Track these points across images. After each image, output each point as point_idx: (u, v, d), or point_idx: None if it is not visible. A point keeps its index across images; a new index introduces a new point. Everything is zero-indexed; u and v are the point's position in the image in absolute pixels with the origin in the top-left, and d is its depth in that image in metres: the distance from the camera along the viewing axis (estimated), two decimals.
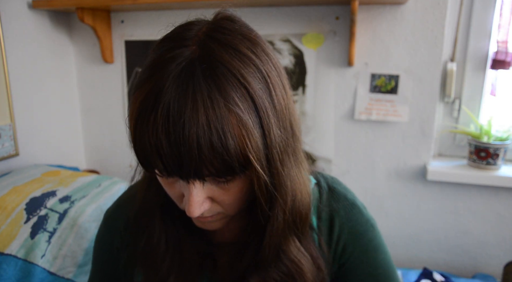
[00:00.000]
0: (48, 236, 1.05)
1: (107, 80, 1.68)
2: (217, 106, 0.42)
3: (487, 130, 1.31)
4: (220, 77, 0.43)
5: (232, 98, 0.42)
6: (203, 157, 0.42)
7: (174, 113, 0.41)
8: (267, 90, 0.46)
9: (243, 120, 0.43)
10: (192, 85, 0.42)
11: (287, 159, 0.50)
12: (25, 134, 1.45)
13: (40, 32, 1.51)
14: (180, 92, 0.42)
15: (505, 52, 1.31)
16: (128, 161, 1.73)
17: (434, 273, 1.26)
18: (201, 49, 0.44)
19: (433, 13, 1.29)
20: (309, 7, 1.39)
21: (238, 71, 0.44)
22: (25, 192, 1.14)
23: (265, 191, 0.48)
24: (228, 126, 0.42)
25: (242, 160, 0.44)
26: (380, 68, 1.37)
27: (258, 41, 0.49)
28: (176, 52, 0.45)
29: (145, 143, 0.43)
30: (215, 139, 0.41)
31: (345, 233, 0.61)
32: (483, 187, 1.36)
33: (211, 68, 0.43)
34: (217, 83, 0.42)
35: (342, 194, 0.63)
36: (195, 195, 0.47)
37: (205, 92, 0.42)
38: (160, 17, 1.55)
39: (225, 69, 0.43)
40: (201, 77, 0.42)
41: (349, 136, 1.45)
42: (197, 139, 0.41)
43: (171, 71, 0.43)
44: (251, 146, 0.44)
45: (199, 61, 0.43)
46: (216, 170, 0.44)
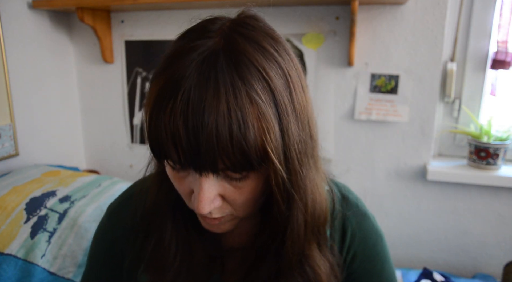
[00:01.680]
0: (48, 236, 1.05)
1: (107, 80, 1.68)
2: (239, 95, 0.41)
3: (487, 130, 1.31)
4: (243, 67, 0.42)
5: (254, 89, 0.42)
6: (221, 146, 0.41)
7: (194, 99, 0.41)
8: (287, 88, 0.46)
9: (264, 113, 0.42)
10: (215, 73, 0.41)
11: (306, 160, 0.48)
12: (25, 134, 1.45)
13: (40, 32, 1.51)
14: (202, 79, 0.41)
15: (505, 52, 1.31)
16: (128, 161, 1.73)
17: (434, 273, 1.26)
18: (225, 40, 0.44)
19: (433, 13, 1.29)
20: (309, 7, 1.39)
21: (260, 64, 0.43)
22: (25, 192, 1.14)
23: (283, 188, 0.46)
24: (249, 116, 0.41)
25: (260, 153, 0.43)
26: (380, 68, 1.37)
27: (280, 41, 0.49)
28: (199, 42, 0.44)
29: (161, 130, 0.42)
30: (235, 128, 0.40)
31: (356, 243, 0.61)
32: (483, 187, 1.36)
33: (235, 59, 0.43)
34: (240, 73, 0.42)
35: (354, 203, 0.63)
36: (206, 190, 0.45)
37: (227, 80, 0.41)
38: (160, 17, 1.55)
39: (248, 61, 0.43)
40: (224, 66, 0.42)
41: (349, 136, 1.45)
42: (216, 126, 0.40)
43: (193, 59, 0.43)
44: (270, 139, 0.43)
45: (223, 51, 0.43)
46: (232, 163, 0.42)
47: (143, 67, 1.62)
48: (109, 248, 0.66)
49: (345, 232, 0.61)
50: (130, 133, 1.70)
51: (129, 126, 1.69)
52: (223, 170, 0.44)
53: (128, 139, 1.71)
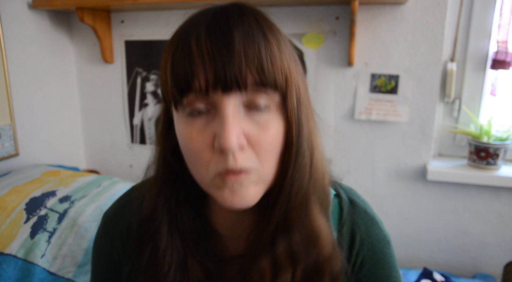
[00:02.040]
0: (48, 236, 1.05)
1: (107, 80, 1.68)
2: (263, 25, 0.47)
3: (487, 130, 1.31)
4: (267, 20, 0.49)
5: (275, 31, 0.48)
6: (249, 56, 0.43)
7: (220, 21, 0.45)
8: (296, 64, 0.52)
9: (277, 42, 0.47)
10: (238, 10, 0.47)
11: (312, 122, 0.53)
12: (25, 134, 1.45)
13: (40, 32, 1.51)
14: (224, 12, 0.47)
15: (505, 52, 1.31)
16: (128, 161, 1.73)
17: (434, 273, 1.26)
18: (235, 4, 0.49)
19: (433, 13, 1.29)
20: (309, 7, 1.39)
21: (278, 29, 0.50)
22: (25, 192, 1.14)
23: (296, 126, 0.49)
24: (272, 42, 0.46)
25: (282, 76, 0.46)
26: (380, 68, 1.37)
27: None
28: (209, 8, 0.49)
29: (186, 53, 0.44)
30: (261, 41, 0.45)
31: (365, 249, 0.60)
32: (483, 187, 1.36)
33: (255, 10, 0.49)
34: (265, 20, 0.48)
35: (362, 208, 0.62)
36: (232, 118, 0.44)
37: (251, 15, 0.47)
38: (160, 17, 1.55)
39: (270, 21, 0.49)
40: (245, 8, 0.48)
41: (349, 136, 1.45)
42: (243, 36, 0.44)
43: (210, 9, 0.48)
44: (290, 70, 0.48)
45: (240, 6, 0.48)
46: (259, 75, 0.44)
47: (143, 67, 1.62)
48: (108, 258, 0.64)
49: (354, 239, 0.60)
50: (130, 133, 1.70)
51: (129, 126, 1.69)
52: (252, 84, 0.44)
53: (128, 139, 1.71)
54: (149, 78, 1.62)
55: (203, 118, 0.46)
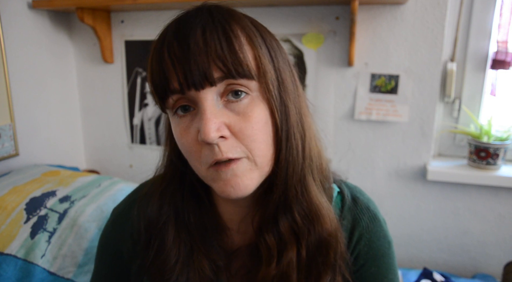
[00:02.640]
0: (48, 236, 1.05)
1: (107, 80, 1.68)
2: (230, 21, 0.48)
3: (487, 130, 1.31)
4: (235, 15, 0.50)
5: (234, 19, 0.49)
6: (211, 50, 0.46)
7: (184, 22, 0.49)
8: (272, 37, 0.54)
9: (247, 35, 0.49)
10: (205, 10, 0.50)
11: (300, 102, 0.54)
12: (25, 134, 1.45)
13: (40, 32, 1.51)
14: (190, 15, 0.50)
15: (505, 52, 1.31)
16: (128, 161, 1.73)
17: (434, 273, 1.26)
18: (208, 7, 0.52)
19: (433, 13, 1.29)
20: (309, 7, 1.39)
21: (249, 21, 0.51)
22: (25, 192, 1.14)
23: (280, 111, 0.50)
24: (238, 37, 0.48)
25: (252, 64, 0.48)
26: (380, 68, 1.37)
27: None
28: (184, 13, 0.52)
29: (160, 59, 0.48)
30: (224, 36, 0.47)
31: (362, 243, 0.60)
32: (483, 187, 1.36)
33: (224, 10, 0.51)
34: (231, 15, 0.50)
35: (365, 205, 0.63)
36: (209, 112, 0.47)
37: (218, 14, 0.49)
38: (160, 17, 1.55)
39: (224, 7, 0.51)
40: (214, 10, 0.50)
41: (349, 136, 1.45)
42: (204, 34, 0.46)
43: (179, 14, 0.52)
44: (261, 59, 0.49)
45: (207, 6, 0.51)
46: (227, 69, 0.46)
47: (143, 67, 1.62)
48: (115, 253, 0.65)
49: (353, 233, 0.60)
50: (130, 133, 1.70)
51: (129, 126, 1.69)
52: (220, 77, 0.47)
53: (128, 140, 1.71)
54: None
55: (188, 116, 0.50)
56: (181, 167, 0.57)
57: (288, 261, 0.53)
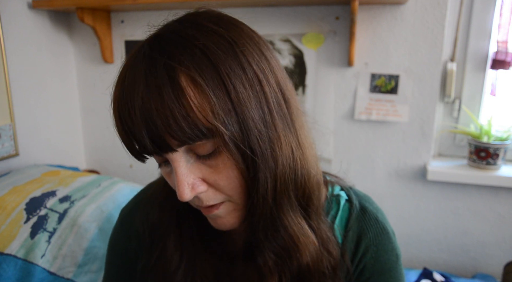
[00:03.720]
0: (48, 236, 1.05)
1: (107, 80, 1.68)
2: (160, 73, 0.43)
3: (487, 130, 1.31)
4: (164, 45, 0.45)
5: (178, 58, 0.43)
6: (162, 122, 0.42)
7: (128, 80, 0.48)
8: (235, 55, 0.45)
9: (193, 79, 0.42)
10: (141, 60, 0.47)
11: (272, 122, 0.47)
12: (25, 134, 1.45)
13: (40, 32, 1.51)
14: (134, 71, 0.47)
15: (505, 52, 1.31)
16: (128, 161, 1.73)
17: (434, 273, 1.26)
18: (152, 36, 0.50)
19: (433, 13, 1.29)
20: (309, 7, 1.39)
21: (190, 35, 0.45)
22: (25, 192, 1.14)
23: (242, 155, 0.45)
24: (172, 87, 0.42)
25: (207, 121, 0.42)
26: (380, 68, 1.37)
27: (235, 24, 0.50)
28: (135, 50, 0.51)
29: (118, 123, 0.50)
30: (157, 104, 0.42)
31: (368, 256, 0.58)
32: (483, 187, 1.36)
33: (157, 42, 0.47)
34: (163, 48, 0.45)
35: (373, 215, 0.60)
36: (181, 174, 0.46)
37: (151, 62, 0.45)
38: (160, 17, 1.54)
39: (174, 36, 0.46)
40: (147, 50, 0.46)
41: (349, 136, 1.45)
42: (142, 96, 0.44)
43: (126, 63, 0.51)
44: (213, 111, 0.42)
45: (147, 42, 0.49)
46: (178, 137, 0.43)
47: None
48: (124, 253, 0.65)
49: (359, 245, 0.58)
50: None
51: None
52: (179, 144, 0.44)
53: None
54: None
55: (169, 166, 0.50)
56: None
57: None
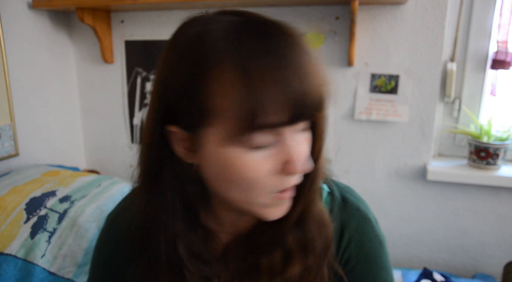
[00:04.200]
0: (48, 236, 1.05)
1: (107, 80, 1.68)
2: (300, 40, 0.48)
3: (487, 130, 1.31)
4: (274, 22, 0.51)
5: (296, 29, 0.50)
6: (323, 88, 0.46)
7: (294, 53, 0.46)
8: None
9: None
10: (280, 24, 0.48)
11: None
12: (25, 134, 1.45)
13: (40, 32, 1.51)
14: (287, 41, 0.46)
15: (505, 52, 1.31)
16: (128, 161, 1.73)
17: (434, 273, 1.26)
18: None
19: (433, 13, 1.29)
20: (309, 7, 1.39)
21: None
22: (25, 192, 1.15)
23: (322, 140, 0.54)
24: (315, 56, 0.48)
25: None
26: (380, 68, 1.37)
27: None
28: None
29: (273, 91, 0.42)
30: (323, 74, 0.48)
31: (352, 246, 0.59)
32: (483, 187, 1.36)
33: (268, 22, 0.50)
34: (278, 24, 0.51)
35: (355, 205, 0.61)
36: (304, 144, 0.48)
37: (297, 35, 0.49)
38: (160, 17, 1.55)
39: (265, 18, 0.51)
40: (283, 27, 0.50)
41: (349, 136, 1.45)
42: (316, 72, 0.47)
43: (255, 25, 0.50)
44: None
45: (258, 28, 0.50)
46: (325, 102, 0.48)
47: (143, 67, 1.62)
48: (110, 258, 0.64)
49: (343, 235, 0.59)
50: (130, 133, 1.70)
51: (129, 126, 1.69)
52: (321, 111, 0.49)
53: (128, 140, 1.71)
54: (149, 78, 1.62)
55: (265, 149, 0.46)
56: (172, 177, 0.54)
57: (293, 273, 0.54)
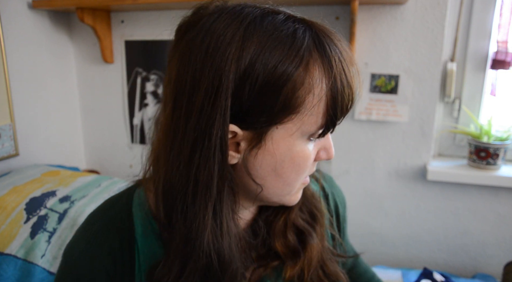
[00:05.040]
0: (48, 236, 1.05)
1: (107, 80, 1.68)
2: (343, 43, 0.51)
3: (487, 130, 1.31)
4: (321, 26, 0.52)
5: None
6: (357, 89, 0.51)
7: (344, 61, 0.49)
8: None
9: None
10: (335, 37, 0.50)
11: None
12: (25, 134, 1.45)
13: (40, 32, 1.51)
14: (335, 45, 0.49)
15: (505, 52, 1.31)
16: (128, 161, 1.73)
17: (435, 273, 1.26)
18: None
19: (433, 13, 1.29)
20: (309, 7, 1.39)
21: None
22: (25, 192, 1.14)
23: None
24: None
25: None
26: (380, 68, 1.37)
27: None
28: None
29: (345, 94, 0.49)
30: (359, 77, 0.52)
31: (337, 201, 0.74)
32: (483, 187, 1.36)
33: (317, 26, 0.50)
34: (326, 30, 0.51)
35: (328, 177, 0.75)
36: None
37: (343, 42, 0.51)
38: (160, 17, 1.55)
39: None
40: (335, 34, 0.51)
41: (349, 136, 1.45)
42: (357, 72, 0.51)
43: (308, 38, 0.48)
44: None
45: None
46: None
47: (143, 67, 1.62)
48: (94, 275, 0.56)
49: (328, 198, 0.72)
50: (130, 133, 1.70)
51: (129, 126, 1.69)
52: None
53: (128, 139, 1.71)
54: (149, 78, 1.62)
55: (314, 141, 0.53)
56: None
57: (313, 247, 0.61)
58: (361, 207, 1.49)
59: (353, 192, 1.48)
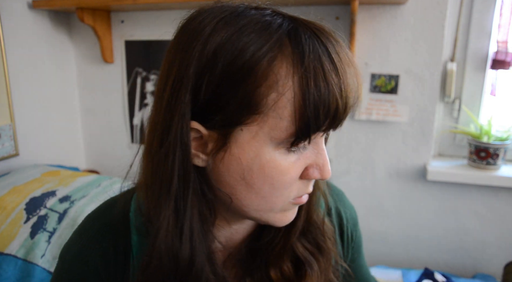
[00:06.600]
0: (48, 236, 1.05)
1: (107, 80, 1.68)
2: (343, 48, 0.45)
3: (487, 130, 1.31)
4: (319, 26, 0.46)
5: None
6: (355, 100, 0.44)
7: (340, 62, 0.43)
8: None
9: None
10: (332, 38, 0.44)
11: None
12: (25, 134, 1.45)
13: (40, 32, 1.51)
14: (331, 44, 0.43)
15: (505, 52, 1.31)
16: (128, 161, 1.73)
17: (436, 273, 1.26)
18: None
19: (433, 13, 1.29)
20: (309, 7, 1.39)
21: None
22: (25, 192, 1.14)
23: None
24: (355, 66, 0.45)
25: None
26: (380, 68, 1.37)
27: None
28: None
29: (321, 96, 0.41)
30: (355, 80, 0.44)
31: (343, 218, 0.67)
32: (483, 187, 1.36)
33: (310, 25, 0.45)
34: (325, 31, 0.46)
35: (339, 193, 0.68)
36: (326, 153, 0.48)
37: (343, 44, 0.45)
38: (160, 17, 1.55)
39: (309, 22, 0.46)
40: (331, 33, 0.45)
41: (349, 136, 1.45)
42: (352, 85, 0.43)
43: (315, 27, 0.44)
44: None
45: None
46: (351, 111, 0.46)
47: (143, 67, 1.62)
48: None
49: (341, 217, 0.67)
50: (130, 133, 1.70)
51: (129, 126, 1.69)
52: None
53: (128, 139, 1.71)
54: (149, 78, 1.62)
55: (296, 152, 0.45)
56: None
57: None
58: (361, 207, 1.49)
59: (353, 192, 1.47)
